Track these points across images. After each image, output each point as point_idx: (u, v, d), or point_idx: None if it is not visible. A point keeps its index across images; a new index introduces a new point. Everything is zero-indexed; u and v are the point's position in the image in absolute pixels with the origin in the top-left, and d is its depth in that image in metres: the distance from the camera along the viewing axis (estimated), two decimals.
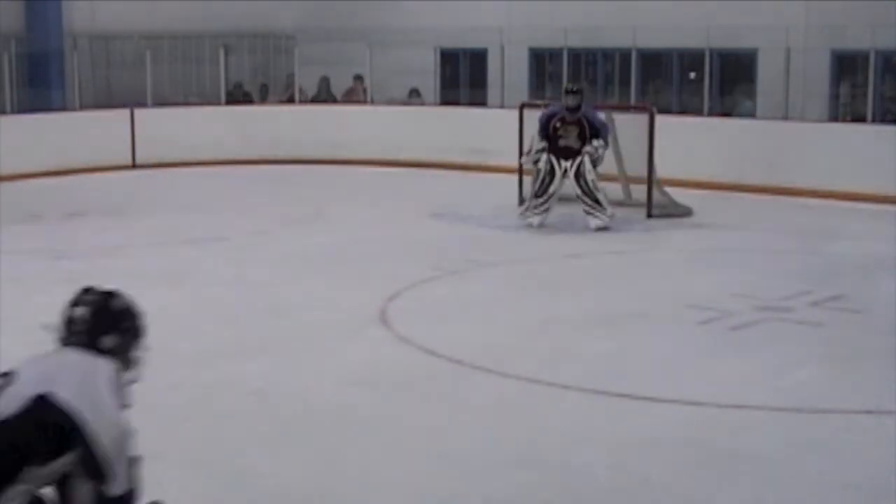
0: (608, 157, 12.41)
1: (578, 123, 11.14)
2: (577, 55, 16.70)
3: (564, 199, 11.50)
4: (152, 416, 5.92)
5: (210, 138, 16.13)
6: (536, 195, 11.30)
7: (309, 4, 19.12)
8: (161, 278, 9.02)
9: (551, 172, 11.20)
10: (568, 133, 11.15)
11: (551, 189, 11.22)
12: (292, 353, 7.04)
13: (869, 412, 5.93)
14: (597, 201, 11.12)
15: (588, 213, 11.15)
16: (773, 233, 11.12)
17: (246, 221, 11.66)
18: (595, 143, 11.14)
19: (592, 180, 11.10)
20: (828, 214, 12.15)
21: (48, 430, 3.30)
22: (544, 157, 11.22)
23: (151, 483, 5.03)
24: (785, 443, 5.51)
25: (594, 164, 11.14)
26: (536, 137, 11.39)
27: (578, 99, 11.20)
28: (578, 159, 11.11)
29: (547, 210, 11.28)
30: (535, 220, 11.27)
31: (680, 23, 15.06)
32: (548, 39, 16.48)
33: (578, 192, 11.15)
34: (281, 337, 7.40)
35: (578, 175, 11.11)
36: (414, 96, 17.59)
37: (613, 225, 11.14)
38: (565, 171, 11.16)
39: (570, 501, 4.90)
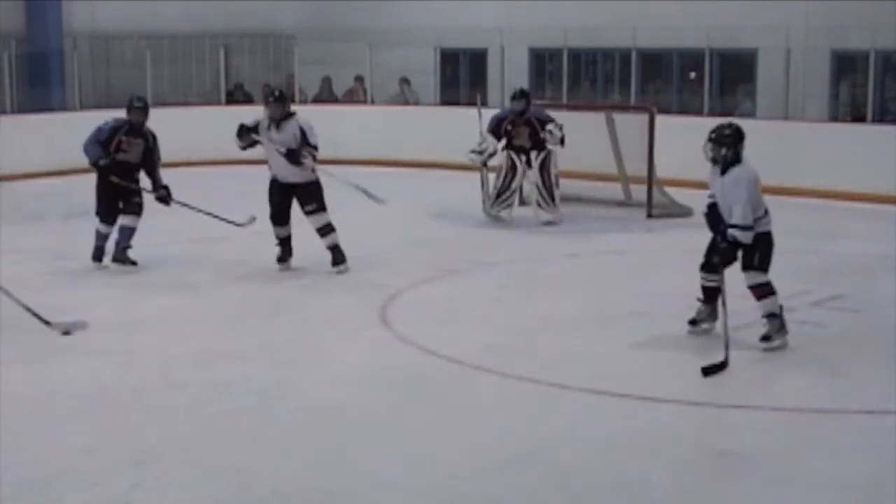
0: (608, 157, 12.45)
1: (528, 124, 11.44)
2: (577, 55, 16.71)
3: (566, 199, 11.78)
4: (152, 415, 5.94)
5: (210, 138, 16.12)
6: (501, 191, 11.64)
7: (309, 4, 19.13)
8: (161, 278, 9.02)
9: (513, 168, 11.60)
10: (519, 134, 11.46)
11: (514, 184, 11.61)
12: (292, 353, 7.04)
13: (869, 412, 5.93)
14: (552, 197, 11.49)
15: (540, 205, 11.49)
16: (773, 233, 11.10)
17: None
18: (548, 126, 11.37)
19: (556, 175, 11.50)
20: (828, 214, 12.15)
21: None
22: (504, 153, 11.59)
23: (152, 483, 5.05)
24: (785, 443, 5.52)
25: (561, 141, 11.36)
26: (488, 136, 11.65)
27: (524, 103, 11.49)
28: (545, 151, 11.42)
29: (511, 204, 11.64)
30: (505, 213, 11.62)
31: (680, 23, 15.06)
32: (548, 39, 16.48)
33: (539, 182, 11.49)
34: (281, 337, 7.40)
35: (543, 166, 11.46)
36: (404, 84, 17.55)
37: (561, 224, 11.40)
38: (528, 164, 11.48)
39: (570, 501, 4.90)
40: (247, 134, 9.33)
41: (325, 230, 9.26)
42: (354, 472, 5.17)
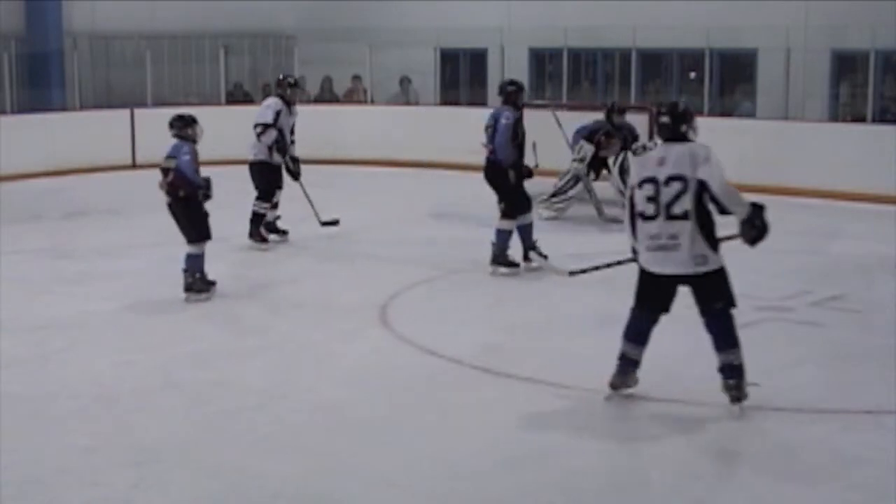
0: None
1: (623, 138, 11.47)
2: (577, 55, 16.71)
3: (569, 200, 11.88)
4: (152, 415, 5.94)
5: (210, 138, 16.08)
6: (557, 193, 11.65)
7: (309, 4, 19.12)
8: (161, 279, 9.02)
9: (578, 178, 11.59)
10: (611, 146, 11.48)
11: (571, 192, 11.61)
12: (292, 353, 7.04)
13: (869, 412, 5.93)
14: None
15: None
16: (773, 233, 11.09)
17: (246, 221, 11.64)
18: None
19: None
20: (828, 214, 12.15)
21: None
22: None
23: (152, 483, 5.05)
24: (785, 443, 5.52)
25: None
26: (584, 143, 11.61)
27: (623, 118, 11.56)
28: (622, 155, 11.40)
29: (562, 210, 11.63)
30: (547, 213, 11.58)
31: (680, 23, 15.06)
32: (548, 39, 16.48)
33: (622, 186, 11.34)
34: (281, 337, 7.40)
35: (623, 171, 11.36)
36: (405, 84, 17.55)
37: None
38: (592, 178, 11.56)
39: (570, 501, 4.90)
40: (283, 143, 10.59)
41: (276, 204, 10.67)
42: (354, 472, 5.17)
